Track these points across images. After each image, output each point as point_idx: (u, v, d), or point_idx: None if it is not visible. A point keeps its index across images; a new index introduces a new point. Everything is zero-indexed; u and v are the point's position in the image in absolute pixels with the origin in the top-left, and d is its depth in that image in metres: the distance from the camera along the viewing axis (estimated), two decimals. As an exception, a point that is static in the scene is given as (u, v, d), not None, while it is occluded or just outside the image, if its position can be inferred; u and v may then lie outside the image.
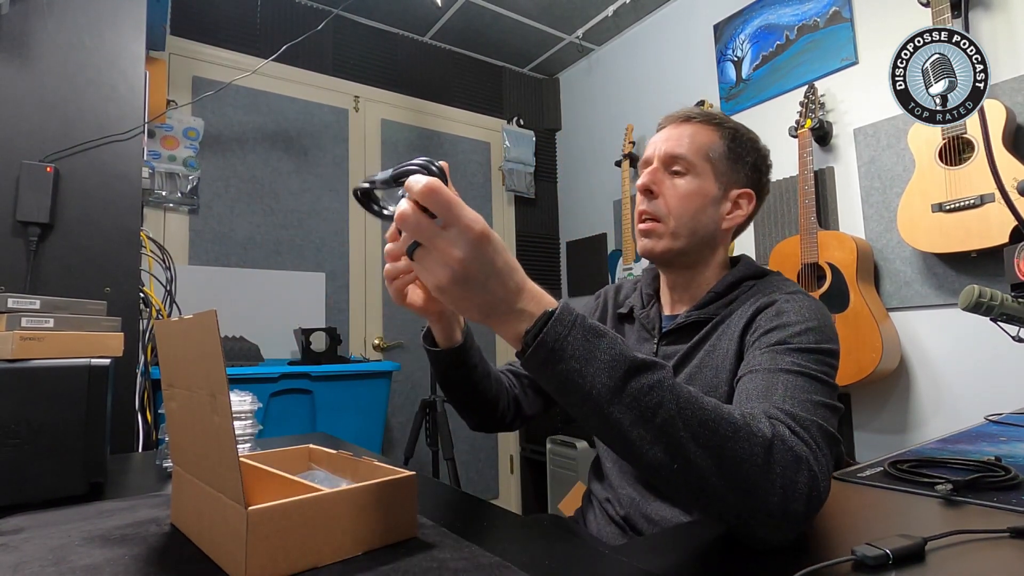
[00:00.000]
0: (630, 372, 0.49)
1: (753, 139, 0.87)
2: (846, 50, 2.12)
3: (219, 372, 0.45)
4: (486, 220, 0.44)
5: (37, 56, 1.39)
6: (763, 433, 0.51)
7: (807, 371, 0.63)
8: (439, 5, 2.72)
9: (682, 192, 0.81)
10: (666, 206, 0.81)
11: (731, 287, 0.82)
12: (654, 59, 2.92)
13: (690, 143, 0.82)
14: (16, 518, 0.62)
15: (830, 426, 0.58)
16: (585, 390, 0.48)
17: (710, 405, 0.51)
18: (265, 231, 2.55)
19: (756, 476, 0.49)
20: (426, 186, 0.43)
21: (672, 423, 0.48)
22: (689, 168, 0.81)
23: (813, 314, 0.71)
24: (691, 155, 0.81)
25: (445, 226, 0.44)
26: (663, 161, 0.83)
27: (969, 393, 1.80)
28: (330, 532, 0.48)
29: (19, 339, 0.76)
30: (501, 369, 0.93)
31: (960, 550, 0.51)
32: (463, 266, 0.45)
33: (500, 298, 0.48)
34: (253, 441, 0.86)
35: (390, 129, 3.00)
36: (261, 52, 2.51)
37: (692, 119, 0.84)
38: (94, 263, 1.40)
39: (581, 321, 0.49)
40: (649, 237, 0.82)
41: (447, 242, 0.44)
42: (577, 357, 0.48)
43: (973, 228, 1.63)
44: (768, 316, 0.72)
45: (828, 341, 0.69)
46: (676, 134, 0.83)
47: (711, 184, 0.82)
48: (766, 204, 2.36)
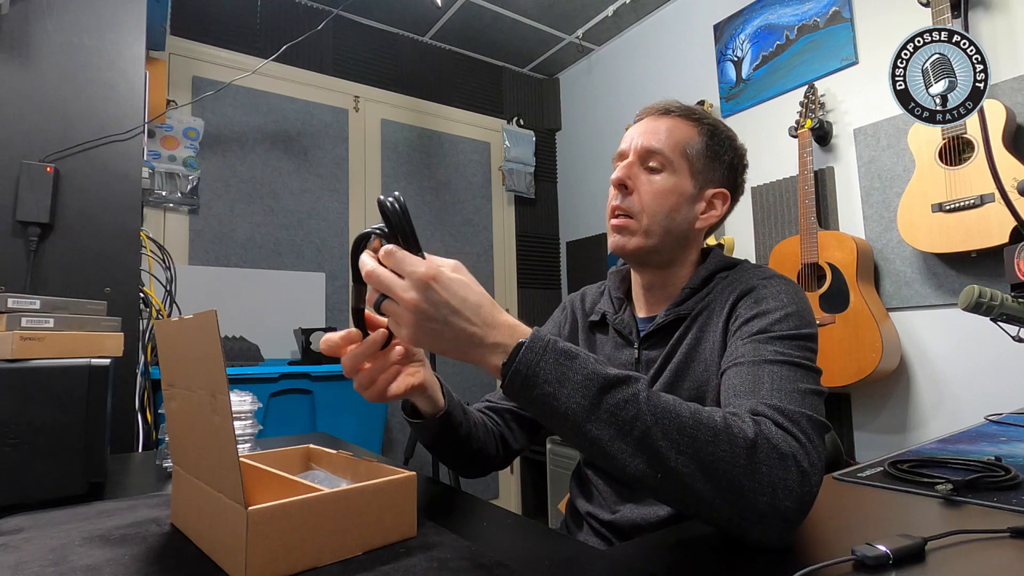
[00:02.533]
0: (604, 389, 0.51)
1: (731, 137, 0.84)
2: (846, 50, 2.12)
3: (219, 372, 0.45)
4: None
5: (37, 56, 1.39)
6: (745, 434, 0.51)
7: (790, 359, 0.63)
8: (439, 5, 2.72)
9: (657, 189, 0.78)
10: (640, 203, 0.78)
11: (706, 281, 0.80)
12: (654, 59, 2.92)
13: (668, 138, 0.79)
14: (16, 518, 0.62)
15: (818, 414, 0.58)
16: (561, 411, 0.51)
17: (688, 411, 0.52)
18: (265, 231, 2.55)
19: (741, 478, 0.49)
20: (384, 250, 0.52)
21: (650, 434, 0.50)
22: (665, 164, 0.79)
23: (791, 299, 0.71)
24: (668, 151, 0.79)
25: (400, 275, 0.51)
26: (639, 155, 0.80)
27: (969, 393, 1.80)
28: (330, 532, 0.48)
29: (19, 339, 0.76)
30: (479, 408, 0.90)
31: (960, 550, 0.51)
32: (418, 307, 0.50)
33: (470, 333, 0.51)
34: (253, 441, 0.86)
35: (390, 129, 3.00)
36: (261, 52, 2.51)
37: (671, 112, 0.81)
38: (94, 263, 1.40)
39: (553, 345, 0.52)
40: (621, 234, 0.80)
41: (401, 288, 0.50)
42: (551, 381, 0.51)
43: (973, 228, 1.63)
44: (748, 304, 0.72)
45: (807, 326, 0.68)
46: (654, 127, 0.80)
47: (687, 182, 0.79)
48: (766, 204, 2.36)
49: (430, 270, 0.50)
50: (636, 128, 0.83)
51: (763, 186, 2.38)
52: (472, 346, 0.52)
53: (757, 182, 2.41)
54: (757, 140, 2.43)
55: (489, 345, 0.52)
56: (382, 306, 0.52)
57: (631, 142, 0.81)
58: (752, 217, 2.42)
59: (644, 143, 0.80)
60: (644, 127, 0.81)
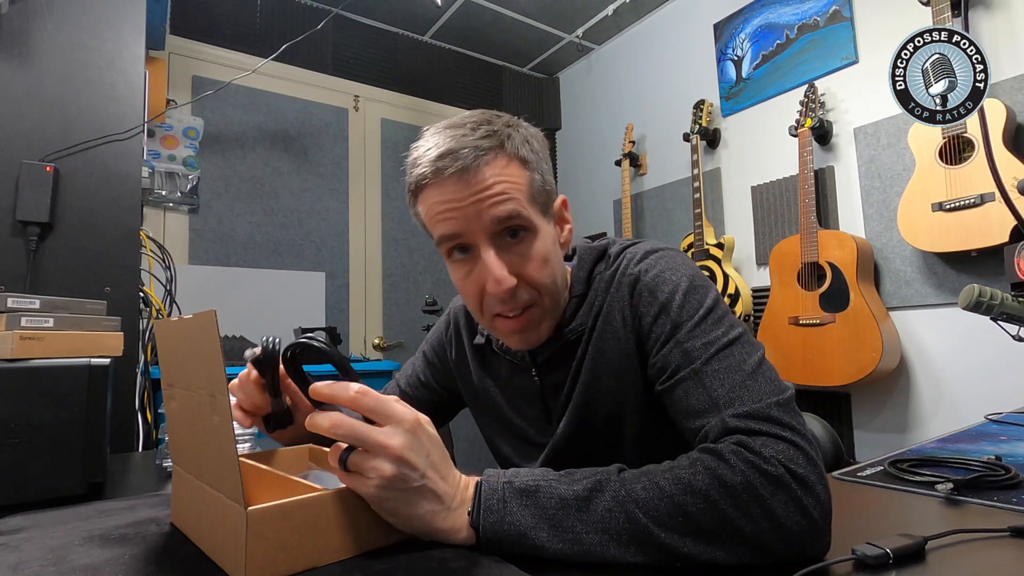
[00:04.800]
0: (582, 508, 0.48)
1: (533, 132, 0.67)
2: (846, 49, 2.12)
3: (219, 372, 0.45)
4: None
5: (37, 56, 1.39)
6: (734, 480, 0.48)
7: (722, 343, 0.59)
8: (439, 4, 2.72)
9: (539, 260, 0.62)
10: (533, 287, 0.63)
11: (587, 283, 0.71)
12: (654, 58, 2.92)
13: (513, 191, 0.60)
14: (16, 518, 0.62)
15: (780, 391, 0.55)
16: (552, 553, 0.48)
17: (669, 482, 0.49)
18: (265, 231, 2.55)
19: (748, 529, 0.47)
20: (358, 391, 0.47)
21: (648, 532, 0.47)
22: (527, 227, 0.61)
23: (675, 272, 0.65)
24: (524, 210, 0.61)
25: (380, 422, 0.47)
26: (491, 235, 0.60)
27: (969, 392, 1.80)
28: (330, 532, 0.48)
29: (19, 339, 0.76)
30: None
31: (960, 549, 0.51)
32: (402, 455, 0.46)
33: (442, 495, 0.48)
34: (253, 441, 0.86)
35: (390, 128, 3.00)
36: (261, 51, 2.51)
37: (483, 159, 0.59)
38: (94, 263, 1.40)
39: (507, 489, 0.49)
40: (528, 331, 0.65)
41: (385, 435, 0.46)
42: (525, 532, 0.48)
43: (973, 227, 1.63)
44: (645, 300, 0.65)
45: (705, 289, 0.64)
46: (483, 188, 0.59)
47: (546, 226, 0.65)
48: (766, 203, 2.37)
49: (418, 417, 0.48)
50: (453, 199, 0.59)
51: (763, 185, 2.38)
52: (440, 511, 0.48)
53: (757, 181, 2.41)
54: (757, 139, 2.43)
55: (455, 509, 0.49)
56: (349, 461, 0.47)
57: (467, 222, 0.60)
58: (752, 216, 2.42)
59: (493, 215, 0.59)
60: (467, 193, 0.59)
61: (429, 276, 3.05)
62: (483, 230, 0.60)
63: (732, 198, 2.53)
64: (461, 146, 0.59)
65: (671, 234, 2.75)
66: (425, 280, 3.03)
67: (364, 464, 0.47)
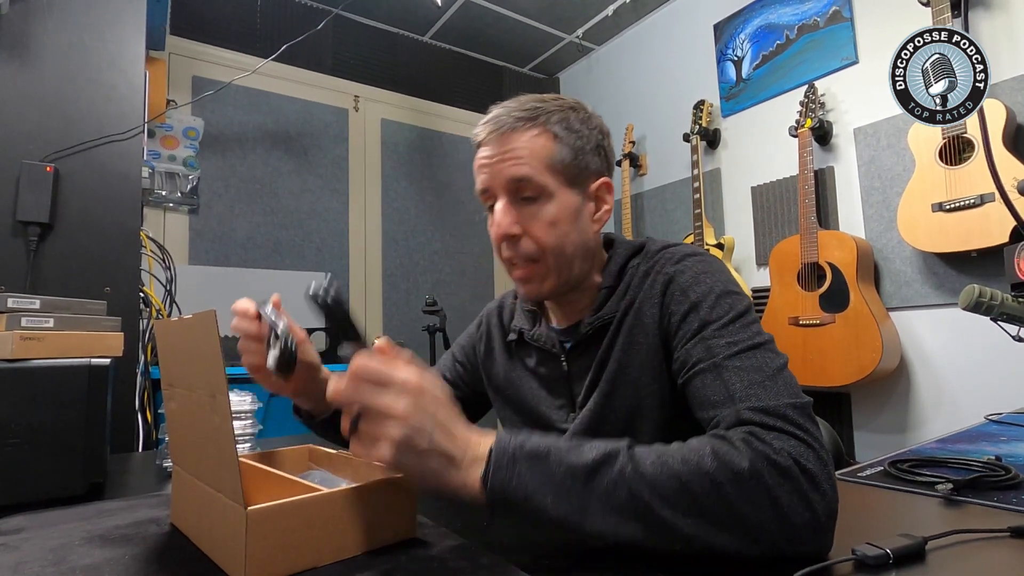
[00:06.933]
0: (589, 478, 0.49)
1: (586, 118, 0.73)
2: (846, 50, 2.12)
3: (219, 372, 0.45)
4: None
5: (37, 56, 1.39)
6: (741, 466, 0.48)
7: (746, 345, 0.60)
8: (439, 5, 2.72)
9: (548, 221, 0.69)
10: (536, 243, 0.69)
11: (619, 276, 0.75)
12: (654, 59, 2.92)
13: (530, 158, 0.68)
14: (16, 518, 0.62)
15: (796, 391, 0.56)
16: (555, 519, 0.48)
17: (677, 461, 0.49)
18: (265, 231, 2.55)
19: (751, 516, 0.47)
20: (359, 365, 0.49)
21: (651, 509, 0.47)
22: (541, 191, 0.68)
23: (711, 276, 0.68)
24: (537, 175, 0.68)
25: (384, 388, 0.48)
26: (508, 190, 0.69)
27: (969, 393, 1.80)
28: (330, 532, 0.48)
29: (19, 339, 0.76)
30: None
31: (960, 550, 0.51)
32: (408, 419, 0.47)
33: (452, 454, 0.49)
34: (253, 441, 0.86)
35: (390, 129, 3.00)
36: (261, 52, 2.51)
37: (517, 126, 0.69)
38: (94, 263, 1.40)
39: (518, 451, 0.50)
40: (530, 283, 0.72)
41: (391, 398, 0.48)
42: (531, 495, 0.48)
43: (973, 228, 1.63)
44: (676, 298, 0.67)
45: (739, 297, 0.66)
46: (508, 151, 0.68)
47: (568, 195, 0.70)
48: (766, 203, 2.37)
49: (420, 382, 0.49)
50: (484, 156, 0.70)
51: (763, 186, 2.38)
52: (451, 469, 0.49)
53: (757, 182, 2.41)
54: (757, 140, 2.43)
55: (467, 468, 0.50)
56: (360, 426, 0.49)
57: (491, 177, 0.70)
58: (752, 217, 2.42)
59: (509, 174, 0.68)
60: (496, 153, 0.69)
61: (429, 276, 3.05)
62: (502, 186, 0.69)
63: (732, 198, 2.53)
64: (505, 115, 0.69)
65: (671, 234, 2.75)
66: (425, 280, 3.03)
67: (373, 426, 0.48)
